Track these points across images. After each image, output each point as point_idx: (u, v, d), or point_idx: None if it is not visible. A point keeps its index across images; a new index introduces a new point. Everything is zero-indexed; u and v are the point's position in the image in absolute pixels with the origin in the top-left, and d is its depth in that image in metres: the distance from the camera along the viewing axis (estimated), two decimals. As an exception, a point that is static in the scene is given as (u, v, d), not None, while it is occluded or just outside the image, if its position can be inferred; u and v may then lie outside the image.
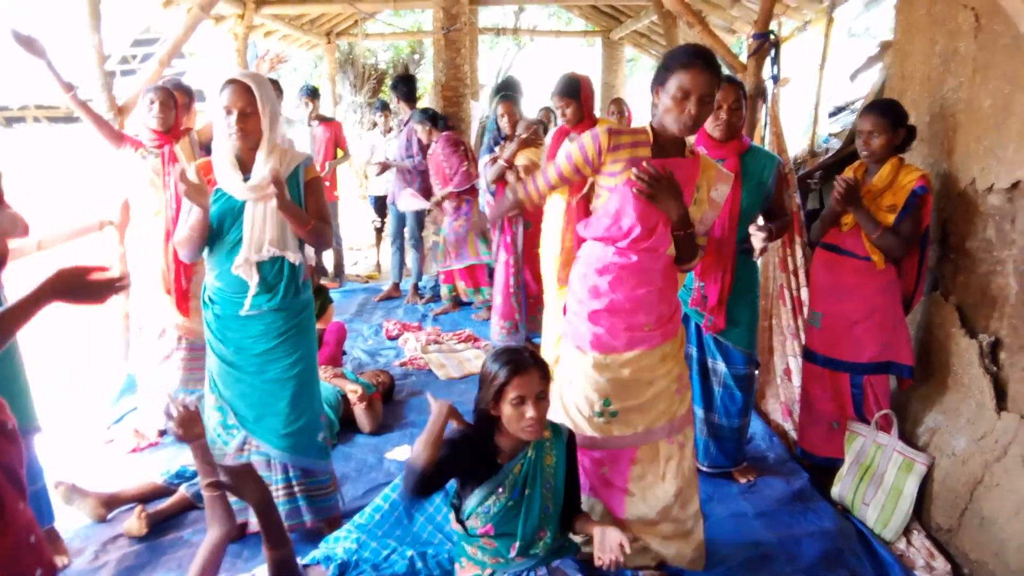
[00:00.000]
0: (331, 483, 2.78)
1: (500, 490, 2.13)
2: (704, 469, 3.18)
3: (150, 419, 3.72)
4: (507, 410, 2.05)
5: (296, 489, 2.66)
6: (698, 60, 2.09)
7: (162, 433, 3.72)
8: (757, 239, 2.88)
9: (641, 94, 12.53)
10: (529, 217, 4.65)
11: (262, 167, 2.43)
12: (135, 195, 3.60)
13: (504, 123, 4.68)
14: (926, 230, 2.92)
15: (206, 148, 3.91)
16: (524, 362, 2.04)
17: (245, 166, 2.48)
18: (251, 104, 2.39)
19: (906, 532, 2.83)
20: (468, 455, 2.14)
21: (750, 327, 3.08)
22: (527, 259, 4.75)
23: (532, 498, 2.15)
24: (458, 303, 6.06)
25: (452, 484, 2.25)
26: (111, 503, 2.97)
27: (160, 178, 3.52)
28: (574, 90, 3.60)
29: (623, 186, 2.20)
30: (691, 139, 2.73)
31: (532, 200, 2.41)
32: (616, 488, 2.44)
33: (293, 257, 2.53)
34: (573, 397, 2.41)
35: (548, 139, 3.87)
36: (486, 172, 4.72)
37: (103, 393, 4.14)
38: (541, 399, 2.05)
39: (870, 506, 2.91)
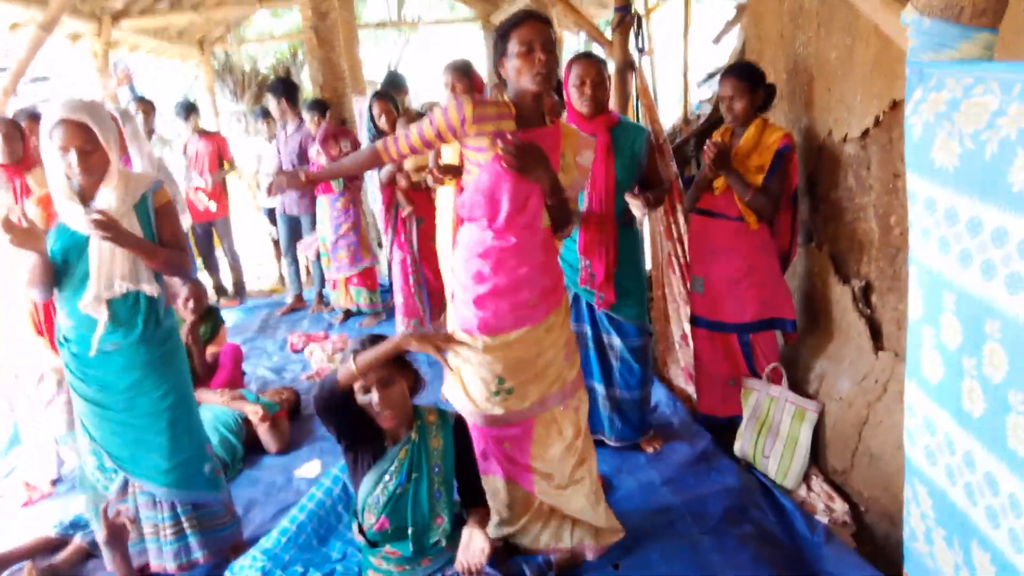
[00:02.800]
0: (225, 512, 2.66)
1: (387, 477, 2.13)
2: (612, 444, 3.21)
3: (39, 469, 3.51)
4: (360, 399, 2.07)
5: (186, 525, 2.52)
6: (528, 16, 2.16)
7: (54, 483, 3.53)
8: (636, 208, 2.89)
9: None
10: (421, 212, 4.59)
11: (105, 198, 2.28)
12: None
13: (383, 122, 4.57)
14: (796, 187, 3.00)
15: None
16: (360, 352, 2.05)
17: (87, 195, 2.31)
18: (90, 141, 2.21)
19: (806, 479, 2.93)
20: (361, 429, 2.14)
21: (639, 299, 3.11)
22: (424, 255, 4.68)
23: (420, 482, 2.15)
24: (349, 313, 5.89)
25: (353, 496, 2.21)
26: (2, 563, 2.79)
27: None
28: (465, 67, 3.62)
29: (491, 162, 2.18)
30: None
31: (390, 157, 2.36)
32: (520, 465, 2.46)
33: (149, 289, 2.36)
34: (470, 380, 2.40)
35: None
36: (377, 175, 4.63)
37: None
38: (387, 384, 2.05)
39: (770, 458, 3.00)
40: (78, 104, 2.22)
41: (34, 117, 3.80)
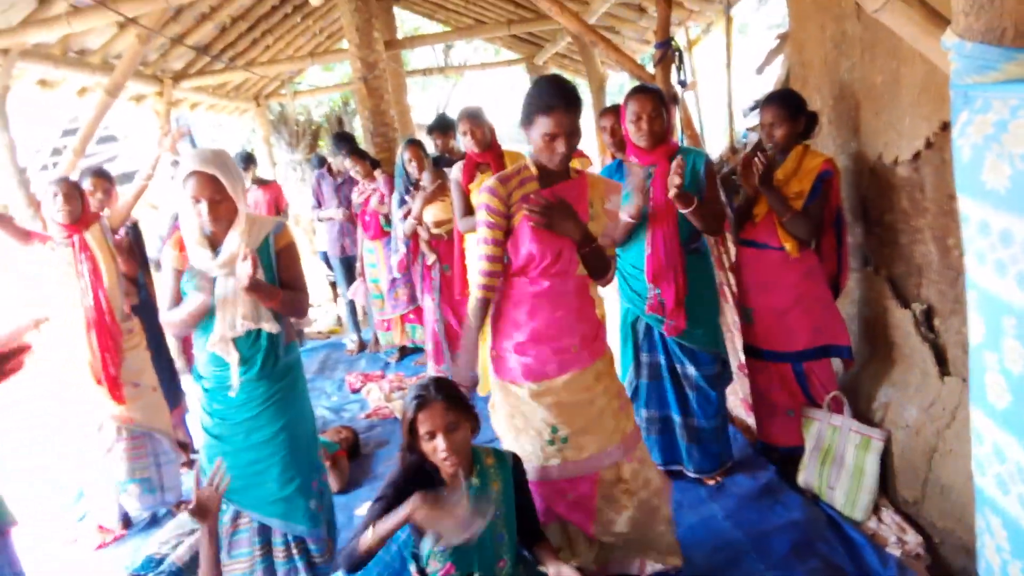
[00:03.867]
0: (325, 552, 2.72)
1: None
2: (691, 475, 3.17)
3: (107, 515, 3.62)
4: (424, 446, 2.05)
5: (295, 551, 2.64)
6: (556, 102, 2.16)
7: (127, 525, 3.64)
8: (672, 182, 2.77)
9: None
10: (445, 260, 4.67)
11: (232, 243, 2.41)
12: (51, 289, 3.48)
13: (412, 168, 4.67)
14: (838, 211, 2.97)
15: (120, 231, 3.85)
16: (427, 397, 2.04)
17: (217, 239, 2.45)
18: (219, 191, 2.35)
19: (875, 510, 2.84)
20: (413, 490, 2.10)
21: (712, 325, 3.09)
22: (447, 301, 4.75)
23: (483, 528, 2.13)
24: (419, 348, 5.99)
25: (408, 535, 2.22)
26: None
27: (73, 268, 3.42)
28: (478, 113, 3.76)
29: (522, 222, 2.25)
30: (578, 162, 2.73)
31: (490, 280, 2.36)
32: (586, 512, 2.43)
33: (269, 327, 2.49)
34: (520, 432, 2.40)
35: (456, 171, 3.90)
36: (400, 227, 4.75)
37: (65, 491, 4.03)
38: (452, 430, 2.04)
39: (836, 489, 2.92)
40: (208, 156, 2.37)
41: (99, 174, 3.99)
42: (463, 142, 3.82)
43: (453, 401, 2.07)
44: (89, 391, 3.50)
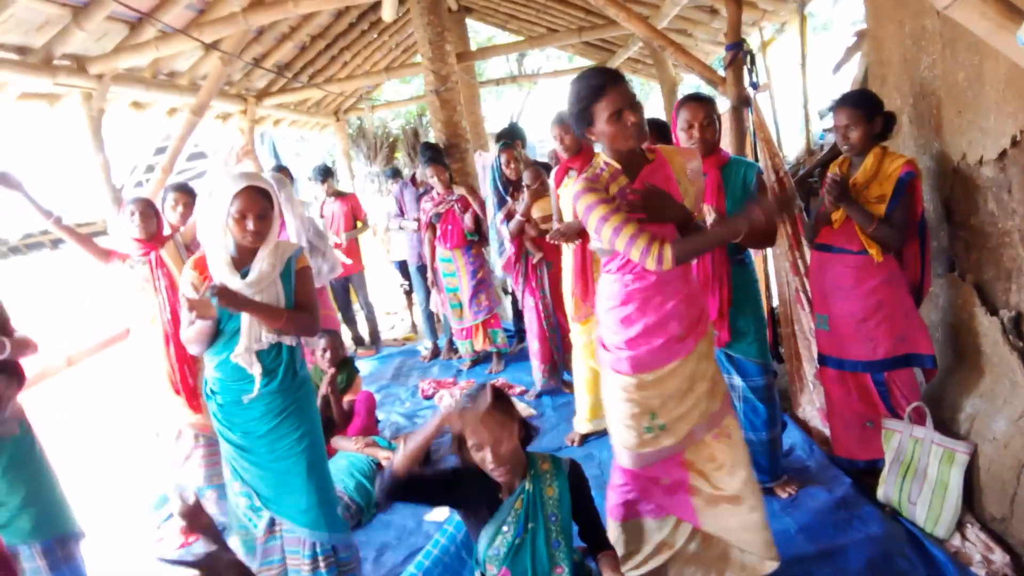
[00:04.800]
0: (352, 560, 2.79)
1: (505, 528, 2.12)
2: (764, 487, 3.09)
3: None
4: (473, 456, 2.07)
5: (322, 564, 2.69)
6: (601, 81, 2.15)
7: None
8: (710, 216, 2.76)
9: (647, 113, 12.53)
10: (550, 257, 4.68)
11: (259, 264, 2.52)
12: (130, 304, 3.66)
13: (509, 171, 4.74)
14: (922, 215, 2.85)
15: (192, 248, 4.03)
16: (471, 411, 2.04)
17: (240, 262, 2.55)
18: (268, 209, 2.48)
19: (959, 527, 2.70)
20: (471, 485, 2.15)
21: (758, 336, 3.02)
22: (556, 299, 4.74)
23: (537, 532, 2.13)
24: (488, 356, 6.05)
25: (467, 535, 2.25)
26: None
27: (151, 284, 3.58)
28: (567, 120, 3.70)
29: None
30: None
31: (651, 244, 2.19)
32: (681, 493, 2.43)
33: (290, 340, 2.61)
34: (622, 421, 2.41)
35: (552, 177, 3.92)
36: (503, 228, 4.77)
37: (147, 496, 4.24)
38: (499, 444, 2.04)
39: (917, 504, 2.79)
40: (258, 176, 2.52)
41: (181, 189, 4.18)
42: (555, 146, 3.84)
43: (500, 412, 2.07)
44: (168, 401, 3.66)
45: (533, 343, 4.92)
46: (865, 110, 2.81)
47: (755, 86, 3.89)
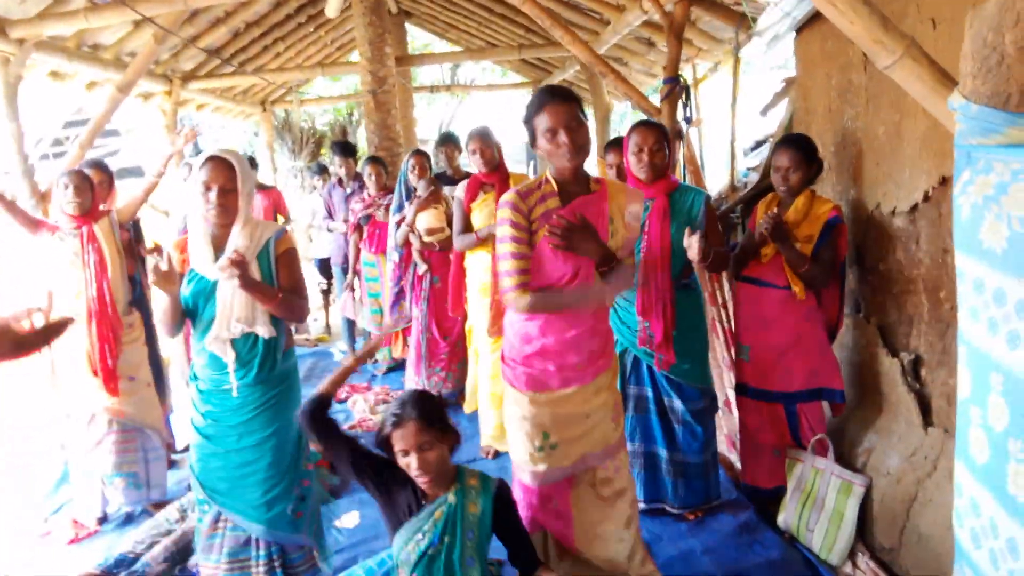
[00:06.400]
0: (306, 559, 2.73)
1: (419, 536, 2.11)
2: (674, 511, 3.17)
3: (87, 508, 3.59)
4: (399, 461, 2.08)
5: (276, 564, 2.64)
6: (549, 98, 2.22)
7: (101, 521, 3.61)
8: (692, 250, 2.81)
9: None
10: (437, 271, 4.71)
11: (235, 243, 2.45)
12: (55, 278, 3.50)
13: (413, 177, 4.75)
14: (844, 258, 3.01)
15: (126, 227, 3.86)
16: (402, 416, 2.05)
17: (220, 243, 2.49)
18: (232, 181, 2.41)
19: (851, 555, 2.85)
20: (398, 479, 2.14)
21: (701, 360, 3.11)
22: (434, 312, 4.80)
23: (453, 547, 2.12)
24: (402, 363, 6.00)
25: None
26: None
27: (80, 258, 3.44)
28: (487, 133, 3.81)
29: (542, 243, 2.25)
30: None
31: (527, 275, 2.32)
32: (564, 517, 2.46)
33: (264, 331, 2.51)
34: (515, 435, 2.43)
35: (460, 190, 3.92)
36: (395, 234, 4.79)
37: (39, 483, 3.99)
38: (425, 449, 2.05)
39: (815, 531, 2.93)
40: (227, 148, 2.49)
41: (98, 167, 3.98)
42: (471, 160, 3.85)
43: (429, 420, 2.06)
44: (83, 382, 3.51)
45: (411, 352, 4.98)
46: (806, 155, 2.95)
47: (688, 120, 4.03)
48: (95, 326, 3.42)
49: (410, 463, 2.05)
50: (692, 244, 2.79)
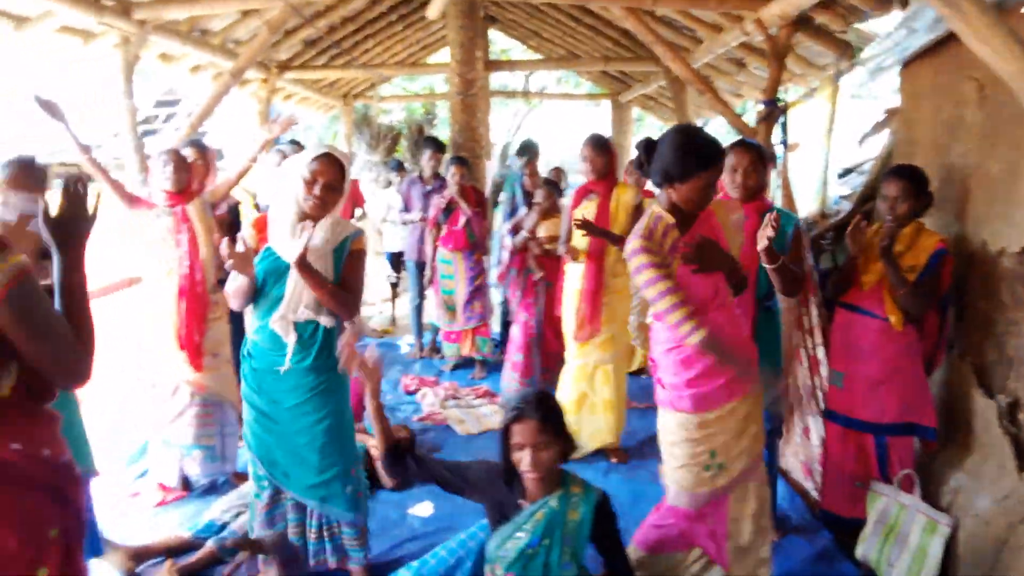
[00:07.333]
0: (360, 536, 2.83)
1: (519, 534, 2.17)
2: None
3: (168, 476, 3.74)
4: (513, 455, 2.15)
5: (326, 534, 2.77)
6: (719, 159, 2.34)
7: (186, 487, 3.75)
8: (762, 240, 2.67)
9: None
10: (550, 277, 4.75)
11: (318, 235, 2.54)
12: (148, 254, 3.63)
13: (529, 183, 4.84)
14: (946, 293, 2.98)
15: (221, 207, 4.00)
16: (524, 411, 2.13)
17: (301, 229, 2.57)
18: (338, 180, 2.52)
19: (932, 594, 2.82)
20: (495, 485, 2.23)
21: (774, 384, 3.12)
22: (548, 317, 4.82)
23: (551, 549, 2.17)
24: (469, 361, 6.08)
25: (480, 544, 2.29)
26: (140, 556, 3.01)
27: (173, 237, 3.56)
28: (606, 145, 3.82)
29: (680, 269, 2.33)
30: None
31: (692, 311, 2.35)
32: (719, 536, 2.51)
33: (326, 321, 2.62)
34: (679, 459, 2.47)
35: (568, 197, 4.00)
36: (507, 239, 4.84)
37: (125, 447, 4.17)
38: (540, 449, 2.11)
39: (895, 567, 2.90)
40: (338, 149, 2.59)
41: (201, 149, 4.13)
42: (582, 168, 3.92)
43: (548, 421, 2.14)
44: (169, 356, 3.64)
45: (516, 355, 4.98)
46: (915, 186, 2.93)
47: (784, 144, 4.03)
48: (185, 303, 3.54)
49: (523, 458, 2.11)
50: (762, 235, 2.74)
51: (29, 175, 2.72)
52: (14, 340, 1.42)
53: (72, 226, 1.58)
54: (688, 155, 2.29)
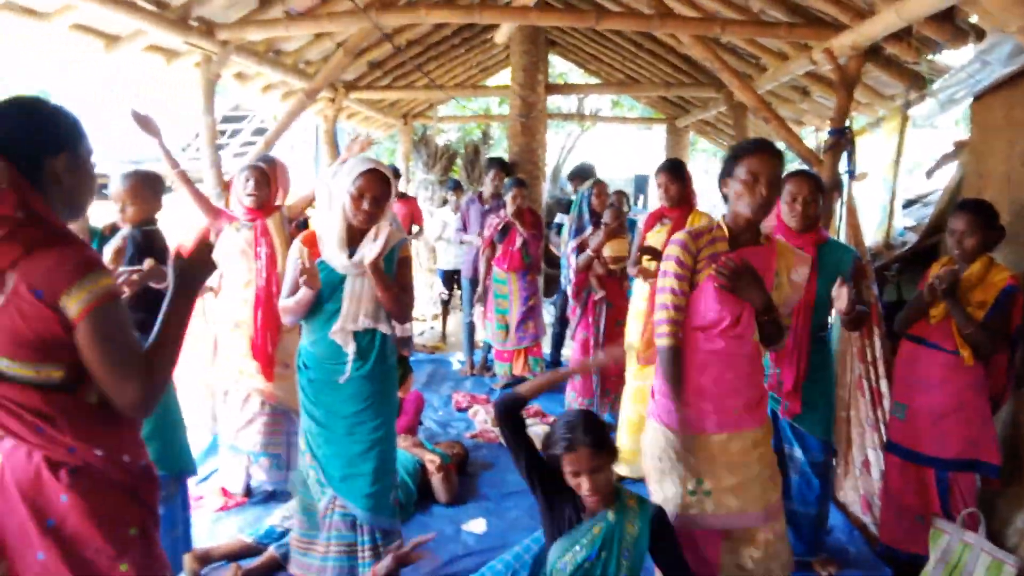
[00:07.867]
0: (399, 545, 2.86)
1: (577, 548, 2.21)
2: (805, 559, 3.15)
3: (234, 481, 3.85)
4: (569, 480, 2.19)
5: (380, 548, 2.79)
6: (765, 147, 2.30)
7: (248, 494, 3.86)
8: (841, 300, 2.74)
9: (701, 175, 12.76)
10: (611, 298, 4.79)
11: (369, 246, 2.63)
12: (227, 266, 3.75)
13: (597, 203, 4.91)
14: (1017, 329, 2.93)
15: (295, 223, 4.14)
16: (574, 441, 2.17)
17: (352, 242, 2.68)
18: (386, 194, 2.62)
19: (997, 636, 2.75)
20: (564, 489, 2.25)
21: (826, 414, 3.10)
22: (608, 337, 4.84)
23: (608, 563, 2.20)
24: (520, 380, 6.13)
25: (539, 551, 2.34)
26: (204, 559, 3.10)
27: (252, 250, 3.67)
28: (681, 171, 3.86)
29: (707, 281, 2.33)
30: (767, 226, 2.82)
31: (679, 326, 2.41)
32: (710, 566, 2.47)
33: (385, 328, 2.73)
34: (665, 475, 2.46)
35: (640, 222, 4.04)
36: (572, 257, 4.90)
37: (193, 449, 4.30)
38: (596, 471, 2.16)
39: (958, 607, 2.84)
40: (384, 163, 2.70)
41: (274, 163, 4.28)
42: (656, 194, 3.98)
43: (599, 445, 2.19)
44: (243, 365, 3.75)
45: (577, 376, 5.00)
46: (985, 220, 2.89)
47: (851, 173, 4.01)
48: (260, 314, 3.65)
49: (581, 483, 2.16)
50: (842, 295, 2.75)
51: (147, 185, 3.05)
52: (86, 358, 1.47)
53: (196, 270, 1.69)
54: (732, 150, 2.37)
